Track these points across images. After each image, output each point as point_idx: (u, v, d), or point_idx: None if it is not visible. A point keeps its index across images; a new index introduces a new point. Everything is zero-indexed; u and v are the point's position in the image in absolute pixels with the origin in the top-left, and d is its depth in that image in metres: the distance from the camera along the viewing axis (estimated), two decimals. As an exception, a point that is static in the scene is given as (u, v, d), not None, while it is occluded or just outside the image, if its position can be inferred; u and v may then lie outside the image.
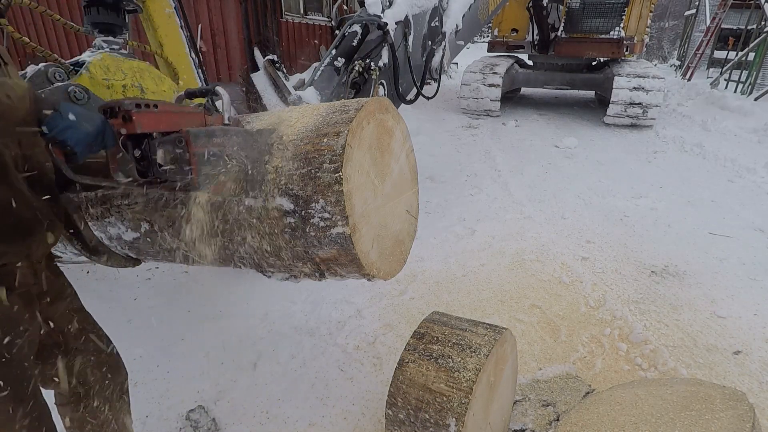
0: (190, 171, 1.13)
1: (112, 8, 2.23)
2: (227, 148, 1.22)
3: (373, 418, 2.15)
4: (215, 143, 1.18)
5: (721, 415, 1.44)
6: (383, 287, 3.22)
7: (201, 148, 1.13)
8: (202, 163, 1.14)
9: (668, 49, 30.51)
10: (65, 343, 1.34)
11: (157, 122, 1.06)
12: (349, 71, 3.40)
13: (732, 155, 6.56)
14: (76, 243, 1.87)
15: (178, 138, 1.10)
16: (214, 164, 1.19)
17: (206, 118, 1.21)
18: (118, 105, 1.04)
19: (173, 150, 1.10)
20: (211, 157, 1.17)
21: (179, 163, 1.12)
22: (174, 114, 1.10)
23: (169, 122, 1.10)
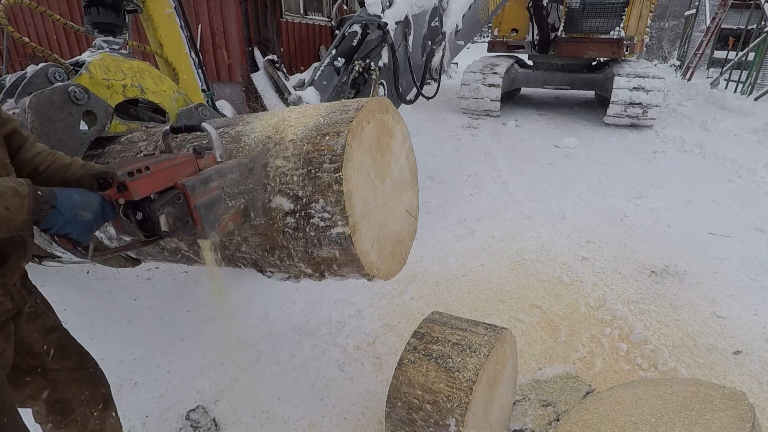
0: (193, 225, 1.14)
1: (112, 8, 2.23)
2: (225, 188, 1.21)
3: (373, 418, 2.15)
4: (213, 188, 1.17)
5: (721, 415, 1.44)
6: (383, 287, 3.22)
7: (200, 197, 1.12)
8: (204, 212, 1.14)
9: (668, 49, 30.50)
10: (41, 364, 1.30)
11: (152, 185, 1.05)
12: (349, 71, 3.40)
13: (732, 155, 6.56)
14: (76, 243, 1.87)
15: (176, 195, 1.09)
16: (215, 209, 1.18)
17: (198, 163, 1.18)
18: (111, 176, 1.03)
19: (173, 210, 1.09)
20: (212, 203, 1.17)
21: (181, 221, 1.12)
22: (167, 170, 1.08)
23: (164, 180, 1.08)
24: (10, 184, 0.94)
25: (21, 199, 0.94)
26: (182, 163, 1.13)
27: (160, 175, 1.07)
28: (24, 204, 0.94)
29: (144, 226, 1.08)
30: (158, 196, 1.07)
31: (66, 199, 1.01)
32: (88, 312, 2.82)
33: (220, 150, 1.23)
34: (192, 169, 1.15)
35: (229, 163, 1.24)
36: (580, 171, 6.14)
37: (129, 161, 1.09)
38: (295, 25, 8.08)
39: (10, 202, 0.92)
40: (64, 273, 3.21)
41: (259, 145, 1.44)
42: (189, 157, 1.15)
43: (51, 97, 1.72)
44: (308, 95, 3.19)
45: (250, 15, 6.84)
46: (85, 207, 1.03)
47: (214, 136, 1.23)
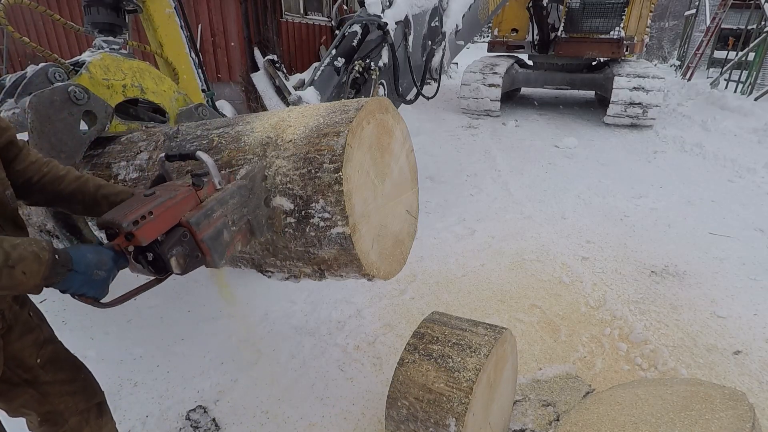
0: (203, 257, 1.17)
1: (112, 8, 2.23)
2: (229, 215, 1.23)
3: (373, 418, 2.15)
4: (216, 218, 1.19)
5: (721, 415, 1.44)
6: (383, 287, 3.22)
7: (205, 231, 1.15)
8: (211, 244, 1.17)
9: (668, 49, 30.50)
10: (34, 377, 1.29)
11: (157, 228, 1.08)
12: (349, 71, 3.40)
13: (732, 155, 6.56)
14: (76, 243, 1.87)
15: (182, 233, 1.11)
16: (222, 238, 1.21)
17: (198, 194, 1.18)
18: (117, 227, 1.06)
19: (182, 249, 1.12)
20: (218, 233, 1.19)
21: (191, 257, 1.14)
22: (169, 210, 1.10)
23: (169, 221, 1.10)
24: (33, 248, 0.96)
25: (39, 265, 0.96)
26: (183, 199, 1.14)
27: (163, 217, 1.08)
28: (41, 270, 0.96)
29: (156, 265, 1.11)
30: (165, 237, 1.10)
31: (81, 260, 1.03)
32: (88, 312, 2.82)
33: (218, 177, 1.23)
34: (193, 203, 1.16)
35: (229, 190, 1.24)
36: (580, 171, 6.14)
37: (132, 206, 1.10)
38: (295, 25, 8.08)
39: (29, 268, 0.94)
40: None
41: (258, 146, 1.44)
42: (189, 192, 1.16)
43: (51, 97, 1.72)
44: (308, 95, 3.19)
45: (250, 15, 6.84)
46: (99, 265, 1.05)
47: (210, 164, 1.22)
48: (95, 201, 1.30)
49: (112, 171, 1.75)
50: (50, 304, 2.86)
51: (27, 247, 0.95)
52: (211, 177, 1.22)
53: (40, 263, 0.95)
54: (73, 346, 2.56)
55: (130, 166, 1.70)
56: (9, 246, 0.92)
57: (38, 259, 0.95)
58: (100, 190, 1.30)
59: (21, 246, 0.94)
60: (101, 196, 1.29)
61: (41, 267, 0.96)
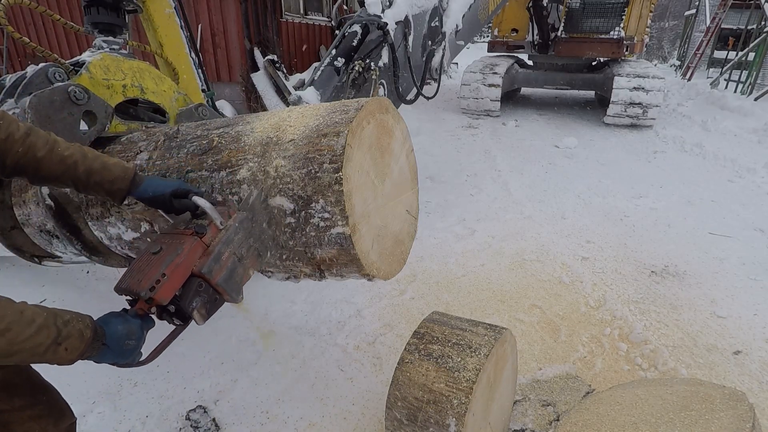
0: (222, 299, 1.22)
1: (112, 8, 2.23)
2: (237, 252, 1.26)
3: (373, 418, 2.15)
4: (226, 259, 1.22)
5: (721, 415, 1.44)
6: (383, 287, 3.22)
7: (218, 275, 1.19)
8: (227, 285, 1.21)
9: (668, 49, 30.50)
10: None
11: (173, 287, 1.12)
12: (349, 71, 3.40)
13: (732, 155, 6.56)
14: (76, 243, 1.87)
15: (198, 284, 1.16)
16: (235, 275, 1.24)
17: (204, 241, 1.21)
18: (136, 295, 1.10)
19: (201, 299, 1.17)
20: (231, 272, 1.22)
21: (210, 303, 1.19)
22: (180, 267, 1.13)
23: (182, 276, 1.14)
24: (79, 326, 0.97)
25: (81, 343, 0.98)
26: (190, 251, 1.17)
27: (176, 275, 1.12)
28: (81, 348, 0.98)
29: (180, 314, 1.16)
30: (182, 290, 1.14)
31: (113, 335, 1.05)
32: (88, 312, 2.82)
33: (218, 218, 1.25)
34: (201, 251, 1.19)
35: (232, 228, 1.26)
36: (580, 171, 6.14)
37: (143, 270, 1.13)
38: (295, 25, 8.08)
39: (72, 345, 0.96)
40: (64, 273, 3.21)
41: (258, 146, 1.44)
42: (194, 242, 1.19)
43: (51, 97, 1.72)
44: (308, 95, 3.19)
45: (250, 15, 6.84)
46: (129, 336, 1.08)
47: (208, 208, 1.25)
48: (88, 186, 1.26)
49: (112, 171, 1.75)
50: (50, 304, 2.86)
51: (75, 325, 0.97)
52: (212, 220, 1.24)
53: (82, 341, 0.98)
54: (73, 346, 2.56)
55: (130, 166, 1.70)
56: (61, 323, 0.94)
57: (82, 337, 0.97)
58: (92, 177, 1.24)
59: (71, 323, 0.96)
60: (94, 183, 1.25)
61: (82, 344, 0.98)
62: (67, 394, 1.44)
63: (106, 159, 1.27)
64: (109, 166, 1.27)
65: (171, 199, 1.30)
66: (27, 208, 1.87)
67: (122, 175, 1.27)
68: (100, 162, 1.26)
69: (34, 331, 0.90)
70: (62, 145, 1.22)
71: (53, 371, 2.32)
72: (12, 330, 0.87)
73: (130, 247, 1.80)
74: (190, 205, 1.30)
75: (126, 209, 1.63)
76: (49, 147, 1.19)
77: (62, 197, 1.80)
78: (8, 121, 1.13)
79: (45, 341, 0.92)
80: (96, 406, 2.18)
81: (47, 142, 1.19)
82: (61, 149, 1.21)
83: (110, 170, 1.26)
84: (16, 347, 0.88)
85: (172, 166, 1.58)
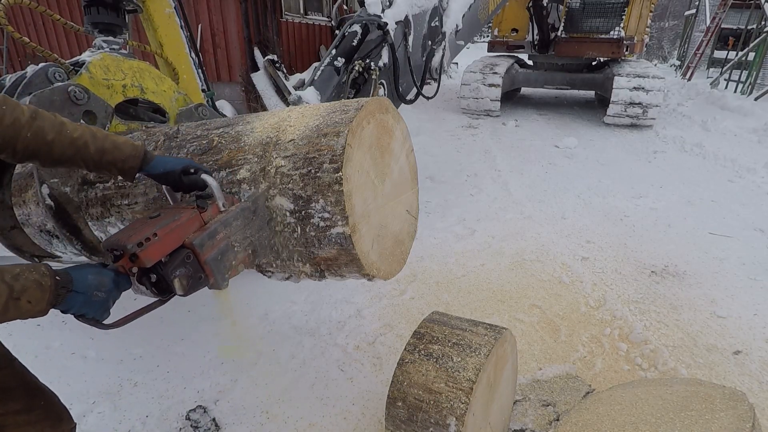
0: (206, 279, 1.18)
1: (112, 8, 2.23)
2: (232, 237, 1.24)
3: (373, 418, 2.15)
4: (219, 239, 1.19)
5: (721, 415, 1.44)
6: (383, 287, 3.22)
7: (208, 252, 1.16)
8: (215, 266, 1.18)
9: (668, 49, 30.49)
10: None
11: (162, 250, 1.09)
12: (349, 71, 3.41)
13: (732, 155, 6.56)
14: (76, 243, 1.87)
15: (186, 255, 1.12)
16: (225, 260, 1.22)
17: (203, 216, 1.20)
18: (122, 249, 1.06)
19: (185, 270, 1.13)
20: (221, 254, 1.20)
21: (194, 278, 1.15)
22: (174, 231, 1.11)
23: (173, 242, 1.11)
24: (34, 276, 0.95)
25: (43, 292, 0.95)
26: (187, 221, 1.15)
27: (168, 239, 1.09)
28: (45, 296, 0.96)
29: (159, 286, 1.12)
30: (169, 258, 1.11)
31: (82, 281, 1.02)
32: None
33: (222, 199, 1.25)
34: (197, 224, 1.17)
35: (233, 212, 1.25)
36: (580, 171, 6.14)
37: (136, 228, 1.11)
38: (295, 25, 8.08)
39: (33, 296, 0.94)
40: None
41: (259, 146, 1.44)
42: (193, 214, 1.17)
43: (51, 97, 1.72)
44: (308, 95, 3.19)
45: (250, 15, 6.84)
46: (99, 286, 1.04)
47: (214, 186, 1.24)
48: (100, 166, 1.24)
49: (112, 171, 1.75)
50: None
51: (29, 276, 0.94)
52: (215, 199, 1.23)
53: (43, 290, 0.95)
54: (73, 346, 2.57)
55: (130, 166, 1.70)
56: (11, 278, 0.92)
57: (41, 286, 0.95)
58: (105, 156, 1.22)
59: (22, 276, 0.93)
60: (107, 162, 1.23)
61: (45, 293, 0.96)
62: (67, 394, 1.44)
63: (115, 138, 1.26)
64: (120, 144, 1.25)
65: (181, 176, 1.29)
66: (27, 208, 1.87)
67: (133, 153, 1.26)
68: (110, 141, 1.24)
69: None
70: (70, 127, 1.20)
71: (52, 372, 2.31)
72: None
73: (130, 247, 1.80)
74: (198, 182, 1.28)
75: (126, 209, 1.63)
76: (57, 129, 1.17)
77: (62, 197, 1.80)
78: (11, 106, 1.10)
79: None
80: (96, 406, 2.18)
81: (54, 124, 1.17)
82: (70, 131, 1.19)
83: (121, 149, 1.25)
84: None
85: (172, 166, 1.58)
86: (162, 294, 1.13)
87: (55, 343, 2.54)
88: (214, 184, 1.24)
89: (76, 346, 2.54)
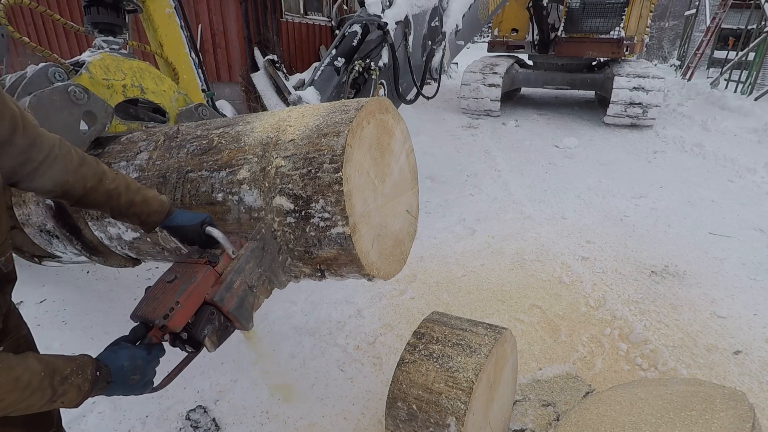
0: (233, 327, 1.25)
1: (112, 8, 2.23)
2: (248, 280, 1.29)
3: (373, 418, 2.15)
4: (237, 287, 1.25)
5: (721, 415, 1.44)
6: (383, 287, 3.22)
7: (230, 303, 1.22)
8: (238, 313, 1.24)
9: (668, 49, 30.49)
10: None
11: (186, 314, 1.15)
12: (349, 71, 3.41)
13: (732, 155, 6.56)
14: (76, 243, 1.87)
15: (209, 311, 1.18)
16: (246, 303, 1.27)
17: (216, 269, 1.24)
18: (150, 323, 1.14)
19: (212, 326, 1.19)
20: (242, 300, 1.25)
21: (221, 330, 1.22)
22: (193, 294, 1.16)
23: (194, 304, 1.17)
24: (78, 381, 0.96)
25: (78, 396, 0.97)
26: (204, 279, 1.20)
27: (189, 303, 1.15)
28: (77, 399, 0.97)
29: (192, 341, 1.18)
30: (195, 317, 1.17)
31: (119, 371, 1.05)
32: (88, 312, 2.82)
33: (230, 247, 1.28)
34: (213, 279, 1.22)
35: (243, 256, 1.29)
36: (580, 171, 6.14)
37: (158, 297, 1.16)
38: (295, 25, 8.08)
39: (68, 400, 0.95)
40: (64, 273, 3.21)
41: (259, 146, 1.44)
42: (207, 271, 1.22)
43: (51, 97, 1.72)
44: (308, 95, 3.19)
45: (250, 15, 6.84)
46: (134, 371, 1.08)
47: (221, 238, 1.28)
48: (124, 215, 1.27)
49: (112, 171, 1.75)
50: (50, 304, 2.86)
51: (74, 381, 0.96)
52: (224, 249, 1.27)
53: (79, 394, 0.97)
54: (74, 346, 2.56)
55: (130, 166, 1.70)
56: (59, 381, 0.93)
57: (79, 391, 0.97)
58: (132, 208, 1.26)
59: (68, 380, 0.95)
60: (132, 214, 1.27)
61: (79, 397, 0.97)
62: (67, 394, 1.43)
63: (146, 192, 1.30)
64: (149, 199, 1.29)
65: (191, 232, 1.32)
66: (27, 208, 1.87)
67: (159, 209, 1.30)
68: (141, 195, 1.28)
69: (28, 395, 0.90)
70: (109, 177, 1.23)
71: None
72: (5, 400, 0.87)
73: (130, 247, 1.80)
74: (209, 240, 1.33)
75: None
76: (97, 178, 1.20)
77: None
78: (64, 152, 1.13)
79: (38, 402, 0.92)
80: (96, 406, 2.18)
81: (96, 172, 1.20)
82: (108, 181, 1.22)
83: (149, 204, 1.29)
84: (7, 411, 0.89)
85: (172, 166, 1.58)
86: (196, 348, 1.20)
87: (55, 343, 2.54)
88: (220, 236, 1.28)
89: (76, 346, 2.54)
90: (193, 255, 1.31)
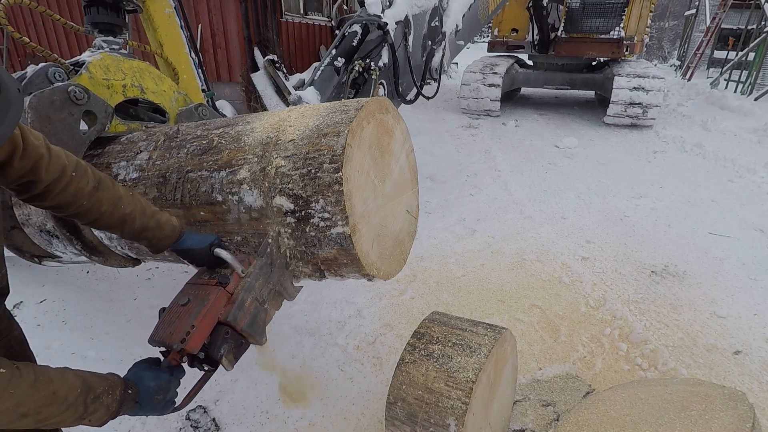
0: (247, 343, 1.30)
1: (112, 8, 2.23)
2: (258, 297, 1.32)
3: (373, 418, 2.15)
4: (249, 305, 1.28)
5: (721, 415, 1.44)
6: (383, 287, 3.22)
7: (243, 320, 1.26)
8: (251, 329, 1.28)
9: (668, 49, 30.50)
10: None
11: (202, 336, 1.18)
12: (349, 71, 3.41)
13: (732, 155, 6.56)
14: (76, 243, 1.87)
15: (224, 331, 1.22)
16: (258, 319, 1.31)
17: (227, 290, 1.26)
18: (168, 347, 1.17)
19: (228, 345, 1.23)
20: (254, 317, 1.29)
21: (237, 347, 1.26)
22: (207, 317, 1.20)
23: (209, 326, 1.20)
24: (108, 400, 0.98)
25: (105, 415, 0.99)
26: (216, 300, 1.23)
27: (204, 325, 1.19)
28: (104, 418, 0.99)
29: (209, 360, 1.23)
30: (210, 338, 1.21)
31: (146, 392, 1.09)
32: (88, 312, 2.82)
33: (239, 267, 1.30)
34: (225, 299, 1.25)
35: (253, 274, 1.31)
36: (580, 171, 6.14)
37: (173, 322, 1.19)
38: (295, 25, 8.08)
39: (95, 418, 0.97)
40: (64, 273, 3.21)
41: (259, 146, 1.44)
42: (219, 292, 1.24)
43: (51, 97, 1.72)
44: (308, 95, 3.19)
45: (250, 15, 6.84)
46: (159, 391, 1.11)
47: (230, 259, 1.29)
48: (136, 238, 1.28)
49: (112, 171, 1.75)
50: (50, 304, 2.86)
51: (104, 400, 0.97)
52: (233, 269, 1.29)
53: (106, 412, 0.99)
54: (73, 346, 2.57)
55: (130, 166, 1.70)
56: (92, 399, 0.95)
57: (107, 410, 0.99)
58: (145, 232, 1.26)
59: (100, 398, 0.96)
60: (144, 237, 1.27)
61: (106, 416, 0.99)
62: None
63: (160, 216, 1.30)
64: (162, 224, 1.29)
65: (200, 255, 1.33)
66: (27, 208, 1.87)
67: (171, 234, 1.31)
68: (155, 220, 1.28)
69: (63, 410, 0.91)
70: (125, 201, 1.22)
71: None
72: (42, 413, 0.88)
73: (130, 247, 1.80)
74: (217, 260, 1.34)
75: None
76: (113, 202, 1.19)
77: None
78: (80, 175, 1.13)
79: (70, 418, 0.93)
80: (96, 406, 2.18)
81: (112, 197, 1.19)
82: (124, 205, 1.21)
83: (162, 229, 1.29)
84: (41, 424, 0.90)
85: (172, 166, 1.58)
86: (214, 365, 1.25)
87: (55, 343, 2.54)
88: (229, 257, 1.30)
89: (76, 346, 2.54)
90: (204, 275, 1.33)
